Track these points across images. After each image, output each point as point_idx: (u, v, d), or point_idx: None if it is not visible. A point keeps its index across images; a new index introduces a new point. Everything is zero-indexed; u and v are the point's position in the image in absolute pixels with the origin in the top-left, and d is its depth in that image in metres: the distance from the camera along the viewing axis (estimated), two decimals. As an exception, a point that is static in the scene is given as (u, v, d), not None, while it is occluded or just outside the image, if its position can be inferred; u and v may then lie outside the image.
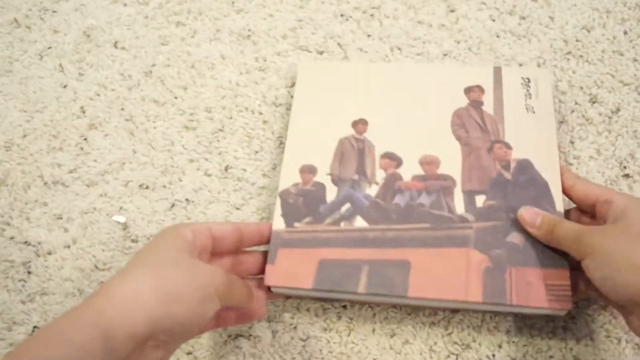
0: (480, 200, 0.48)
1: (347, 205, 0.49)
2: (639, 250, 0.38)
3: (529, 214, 0.46)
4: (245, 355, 0.47)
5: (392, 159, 0.51)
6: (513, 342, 0.47)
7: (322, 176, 0.50)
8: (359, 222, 0.48)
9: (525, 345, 0.47)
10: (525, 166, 0.49)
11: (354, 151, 0.51)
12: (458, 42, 0.59)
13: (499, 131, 0.51)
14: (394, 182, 0.49)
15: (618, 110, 0.55)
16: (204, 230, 0.42)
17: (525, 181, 0.48)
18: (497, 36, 0.59)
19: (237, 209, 0.53)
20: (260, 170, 0.55)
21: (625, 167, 0.53)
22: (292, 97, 0.57)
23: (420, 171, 0.50)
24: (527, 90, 0.53)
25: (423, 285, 0.44)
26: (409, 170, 0.50)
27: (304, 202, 0.49)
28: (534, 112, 0.52)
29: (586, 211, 0.46)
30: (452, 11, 0.61)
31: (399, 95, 0.54)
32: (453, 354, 0.47)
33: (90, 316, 0.33)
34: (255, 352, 0.47)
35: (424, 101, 0.53)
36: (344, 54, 0.60)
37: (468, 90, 0.53)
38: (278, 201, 0.49)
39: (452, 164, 0.50)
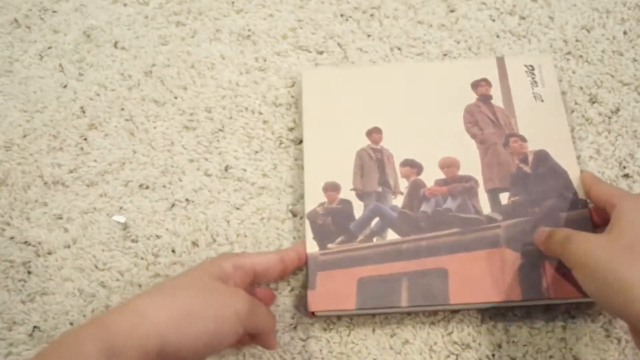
0: (504, 198, 0.48)
1: (376, 220, 0.49)
2: (628, 265, 0.35)
3: (537, 235, 0.44)
4: (245, 356, 0.47)
5: (413, 166, 0.50)
6: (513, 342, 0.47)
7: (347, 192, 0.50)
8: (391, 235, 0.48)
9: (525, 345, 0.47)
10: (542, 157, 0.49)
11: (373, 162, 0.51)
12: (458, 42, 0.59)
13: (512, 124, 0.51)
14: (418, 189, 0.49)
15: (618, 110, 0.55)
16: (246, 266, 0.42)
17: (545, 172, 0.49)
18: (497, 36, 0.59)
19: (237, 209, 0.53)
20: (260, 170, 0.55)
21: (625, 167, 0.53)
22: (292, 97, 0.57)
23: (441, 175, 0.50)
24: (533, 78, 0.53)
25: (463, 290, 0.45)
26: (430, 175, 0.50)
27: (333, 222, 0.49)
28: (542, 101, 0.52)
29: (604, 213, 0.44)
30: (452, 11, 0.61)
31: (408, 96, 0.53)
32: (453, 354, 0.47)
33: (97, 330, 0.34)
34: (256, 352, 0.47)
35: (433, 101, 0.53)
36: (344, 54, 0.60)
37: (475, 85, 0.53)
38: (307, 223, 0.48)
39: (471, 163, 0.50)
